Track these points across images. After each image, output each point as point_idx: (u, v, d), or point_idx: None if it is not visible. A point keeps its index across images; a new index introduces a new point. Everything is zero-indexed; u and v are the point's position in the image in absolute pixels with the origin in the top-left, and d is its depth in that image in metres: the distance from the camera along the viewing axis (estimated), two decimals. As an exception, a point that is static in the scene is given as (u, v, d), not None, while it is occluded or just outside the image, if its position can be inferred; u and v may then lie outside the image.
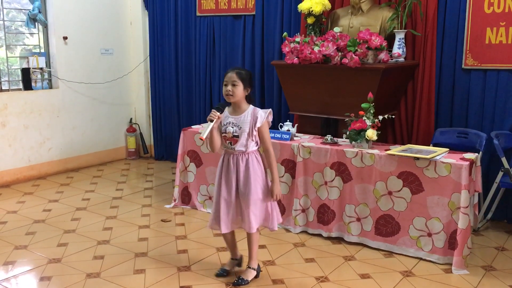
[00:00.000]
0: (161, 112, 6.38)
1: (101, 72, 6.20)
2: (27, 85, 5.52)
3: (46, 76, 5.72)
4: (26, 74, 5.51)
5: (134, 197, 5.00)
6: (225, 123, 3.04)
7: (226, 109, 3.08)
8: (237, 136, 3.00)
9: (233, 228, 3.15)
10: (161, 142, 6.47)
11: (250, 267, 3.18)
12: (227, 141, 3.05)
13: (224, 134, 3.05)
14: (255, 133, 3.00)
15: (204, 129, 2.91)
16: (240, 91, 2.97)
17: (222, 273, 3.24)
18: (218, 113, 2.94)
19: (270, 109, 3.07)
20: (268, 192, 3.07)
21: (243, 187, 3.02)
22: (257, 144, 3.07)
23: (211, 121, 2.92)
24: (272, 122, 5.15)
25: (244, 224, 3.08)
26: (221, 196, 3.09)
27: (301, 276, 3.31)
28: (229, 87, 2.96)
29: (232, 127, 3.01)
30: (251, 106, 3.05)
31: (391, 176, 3.58)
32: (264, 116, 3.01)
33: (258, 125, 2.98)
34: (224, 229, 3.09)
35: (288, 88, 4.50)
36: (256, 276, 3.20)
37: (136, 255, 3.63)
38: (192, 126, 4.77)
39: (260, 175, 3.05)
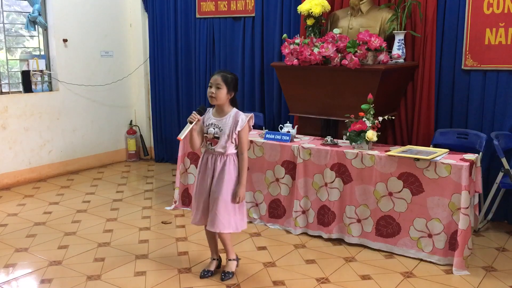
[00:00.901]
0: (161, 114, 6.38)
1: (101, 74, 6.20)
2: (27, 87, 5.53)
3: (46, 78, 5.72)
4: (26, 76, 5.51)
5: (134, 199, 5.00)
6: (207, 124, 3.13)
7: (211, 110, 3.18)
8: (218, 138, 3.09)
9: (200, 223, 3.23)
10: (161, 144, 6.48)
11: (230, 259, 3.28)
12: (208, 142, 3.14)
13: (205, 135, 3.14)
14: (235, 136, 3.08)
15: (183, 130, 3.01)
16: (223, 94, 3.05)
17: (206, 274, 3.29)
18: (198, 116, 3.03)
19: (252, 114, 3.15)
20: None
21: (215, 187, 3.10)
22: (237, 147, 3.14)
23: (191, 122, 3.01)
24: (272, 123, 5.19)
25: (209, 223, 3.14)
26: (196, 192, 3.20)
27: (302, 277, 3.31)
28: (213, 89, 3.05)
29: (214, 129, 3.10)
30: (234, 109, 3.13)
31: (391, 177, 3.58)
32: (245, 120, 3.08)
33: (238, 128, 3.07)
34: (192, 221, 3.24)
35: (288, 89, 4.51)
36: (237, 265, 3.31)
37: (137, 257, 3.63)
38: (192, 128, 4.76)
39: (234, 179, 3.12)
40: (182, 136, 3.00)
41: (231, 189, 3.11)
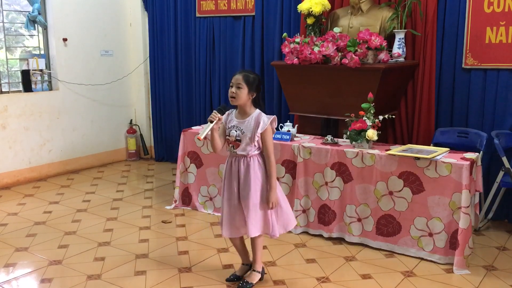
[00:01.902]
0: (161, 113, 6.38)
1: (101, 73, 6.20)
2: (27, 87, 5.52)
3: (46, 78, 5.72)
4: (26, 76, 5.51)
5: (134, 198, 5.00)
6: (229, 126, 3.02)
7: (234, 112, 3.06)
8: (240, 140, 2.97)
9: (238, 234, 3.09)
10: (161, 143, 6.47)
11: (254, 270, 3.16)
12: (230, 145, 3.03)
13: (227, 137, 3.03)
14: (257, 138, 2.94)
15: (203, 129, 2.90)
16: (244, 94, 2.91)
17: (233, 279, 3.21)
18: (219, 115, 2.91)
19: (275, 116, 3.00)
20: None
21: (243, 191, 2.98)
22: (260, 149, 3.01)
23: (211, 122, 2.90)
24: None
25: (244, 229, 3.04)
26: (224, 200, 3.07)
27: (302, 276, 3.31)
28: (234, 89, 2.92)
29: (236, 131, 2.98)
30: (257, 111, 2.98)
31: (391, 176, 3.58)
32: (266, 122, 2.93)
33: (259, 131, 2.92)
34: (226, 234, 3.07)
35: (288, 88, 4.50)
36: (261, 279, 3.19)
37: (137, 256, 3.62)
38: (192, 127, 4.76)
39: (261, 179, 2.99)
40: (202, 135, 2.86)
41: (260, 190, 2.97)
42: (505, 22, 4.04)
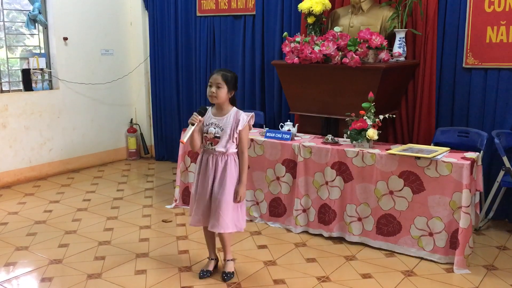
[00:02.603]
0: (161, 112, 6.38)
1: (102, 72, 6.20)
2: (28, 86, 5.52)
3: (46, 77, 5.72)
4: (26, 75, 5.51)
5: (135, 197, 5.00)
6: (207, 124, 3.10)
7: (210, 109, 3.15)
8: (219, 137, 3.06)
9: (200, 224, 3.21)
10: (162, 142, 6.47)
11: (228, 260, 3.27)
12: (208, 142, 3.10)
13: (205, 134, 3.11)
14: (236, 135, 3.06)
15: (186, 132, 2.99)
16: (224, 93, 3.03)
17: (206, 274, 3.27)
18: (200, 117, 3.01)
19: (253, 113, 3.14)
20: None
21: (218, 187, 3.08)
22: (237, 147, 3.12)
23: (193, 124, 2.98)
24: (272, 122, 5.18)
25: (211, 224, 3.11)
26: (196, 193, 3.16)
27: (303, 276, 3.31)
28: (213, 89, 3.03)
29: (214, 128, 3.07)
30: (234, 108, 3.12)
31: (392, 176, 3.58)
32: (246, 119, 3.07)
33: (239, 127, 3.04)
34: (192, 223, 3.21)
35: (289, 88, 4.50)
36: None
37: (137, 255, 3.62)
38: (192, 127, 4.76)
39: (236, 178, 3.10)
40: (185, 139, 2.97)
41: (234, 189, 3.09)
42: (506, 21, 4.04)
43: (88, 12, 5.98)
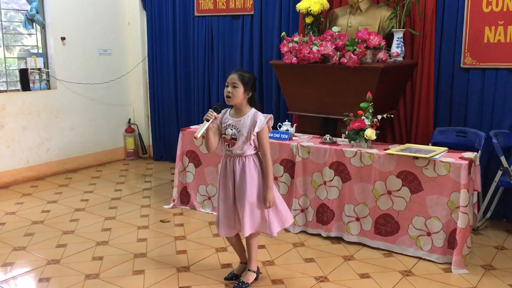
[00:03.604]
0: (159, 113, 6.37)
1: (100, 72, 6.19)
2: (25, 85, 5.51)
3: (44, 76, 5.71)
4: (24, 74, 5.49)
5: (133, 197, 4.99)
6: (225, 125, 3.01)
7: (229, 111, 3.05)
8: (235, 139, 2.96)
9: (233, 234, 3.10)
10: (160, 142, 6.47)
11: (249, 270, 3.16)
12: (225, 143, 3.02)
13: (223, 136, 3.02)
14: (253, 137, 2.95)
15: (199, 128, 2.89)
16: (240, 93, 2.91)
17: (231, 277, 3.22)
18: (215, 113, 2.91)
19: (271, 115, 3.00)
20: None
21: (239, 190, 2.98)
22: (256, 149, 3.02)
23: (207, 120, 2.89)
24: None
25: (239, 229, 3.04)
26: (220, 200, 3.07)
27: (301, 276, 3.30)
28: (229, 88, 2.92)
29: (231, 130, 2.97)
30: (253, 110, 2.99)
31: (390, 176, 3.58)
32: (263, 121, 2.93)
33: (256, 129, 2.92)
34: (222, 233, 3.08)
35: (287, 88, 4.50)
36: (256, 279, 3.19)
37: (135, 255, 3.62)
38: (190, 126, 4.76)
39: (257, 179, 2.98)
40: (198, 134, 2.85)
41: (256, 190, 2.97)
42: (504, 21, 4.05)
43: (86, 11, 5.97)
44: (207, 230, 4.08)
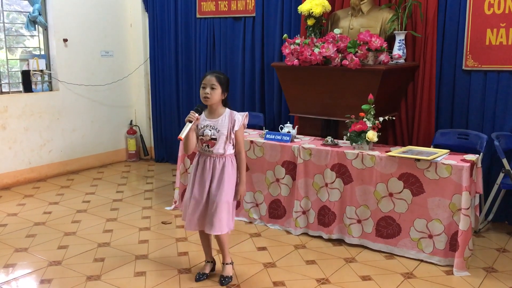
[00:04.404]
0: (161, 114, 6.38)
1: (101, 74, 6.20)
2: (27, 87, 5.52)
3: (46, 78, 5.72)
4: (26, 76, 5.51)
5: (134, 199, 4.99)
6: (202, 126, 3.09)
7: (203, 112, 3.12)
8: (215, 139, 3.05)
9: (197, 228, 3.17)
10: (162, 144, 6.47)
11: (227, 263, 3.25)
12: (204, 144, 3.09)
13: (201, 137, 3.09)
14: (233, 136, 3.07)
15: (183, 129, 2.96)
16: (217, 94, 3.02)
17: (202, 277, 3.26)
18: (197, 115, 2.99)
19: (247, 113, 3.15)
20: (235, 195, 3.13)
21: (215, 189, 3.06)
22: (234, 147, 3.13)
23: (190, 122, 2.97)
24: (272, 123, 5.18)
25: (208, 226, 3.09)
26: (192, 197, 3.13)
27: (302, 278, 3.30)
28: (207, 90, 3.01)
29: (210, 130, 3.06)
30: (228, 110, 3.11)
31: (391, 178, 3.58)
32: (241, 119, 3.08)
33: (236, 128, 3.05)
34: (187, 227, 3.16)
35: (288, 89, 4.50)
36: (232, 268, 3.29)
37: (137, 257, 3.62)
38: (192, 128, 4.76)
39: (233, 179, 3.11)
40: (182, 135, 2.94)
41: (232, 190, 3.09)
42: (506, 24, 4.04)
43: (88, 13, 5.98)
44: (209, 232, 4.08)
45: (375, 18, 4.36)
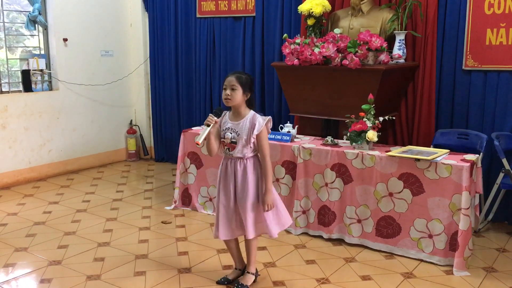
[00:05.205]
0: (161, 114, 6.38)
1: (101, 73, 6.20)
2: (27, 87, 5.52)
3: (46, 78, 5.72)
4: (26, 76, 5.51)
5: (134, 199, 4.99)
6: (224, 128, 3.00)
7: (227, 114, 3.05)
8: (235, 143, 2.96)
9: (234, 236, 3.10)
10: (161, 143, 6.47)
11: (248, 272, 3.16)
12: (225, 147, 3.01)
13: (222, 140, 3.02)
14: (253, 140, 2.94)
15: (201, 134, 2.88)
16: (239, 96, 2.91)
17: (223, 282, 3.20)
18: (215, 118, 2.91)
19: (270, 117, 2.99)
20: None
21: (241, 192, 2.97)
22: (256, 151, 3.01)
23: (208, 125, 2.89)
24: (272, 123, 5.15)
25: (242, 231, 3.04)
26: (220, 202, 3.06)
27: (302, 278, 3.30)
28: (228, 91, 2.91)
29: (231, 133, 2.96)
30: (251, 112, 2.98)
31: (391, 178, 3.58)
32: (262, 123, 2.92)
33: (255, 132, 2.91)
34: (222, 236, 3.06)
35: (289, 89, 4.50)
36: (254, 281, 3.18)
37: (137, 257, 3.62)
38: (192, 128, 4.76)
39: (258, 181, 2.99)
40: (200, 139, 2.84)
41: (257, 191, 2.98)
42: (506, 23, 4.04)
43: (88, 13, 5.98)
44: (209, 232, 4.08)
45: (375, 18, 4.36)
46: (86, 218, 4.41)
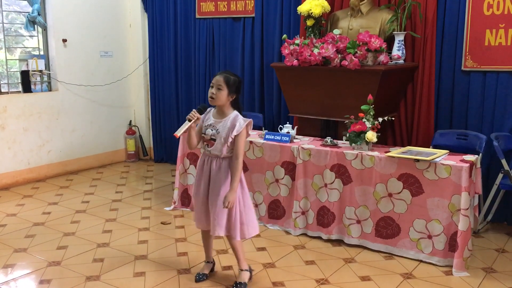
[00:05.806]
0: (160, 114, 6.38)
1: (101, 74, 6.20)
2: (27, 87, 5.52)
3: (45, 78, 5.71)
4: (25, 76, 5.50)
5: (133, 199, 4.99)
6: (206, 125, 3.07)
7: (212, 111, 3.11)
8: (214, 140, 3.01)
9: (204, 228, 3.16)
10: (161, 144, 6.47)
11: (242, 270, 3.17)
12: (205, 143, 3.07)
13: (203, 135, 3.08)
14: (231, 140, 2.97)
15: (181, 127, 2.96)
16: (223, 96, 2.96)
17: (201, 278, 3.25)
18: (198, 114, 2.98)
19: (251, 119, 3.02)
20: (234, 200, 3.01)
21: (212, 191, 3.04)
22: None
23: (189, 120, 2.97)
24: (272, 124, 5.17)
25: (210, 226, 3.08)
26: (195, 194, 3.14)
27: (301, 278, 3.30)
28: (213, 90, 2.98)
29: (212, 130, 3.03)
30: (235, 112, 3.02)
31: (391, 178, 3.58)
32: (242, 124, 2.96)
33: (234, 133, 2.95)
34: (197, 225, 3.17)
35: (288, 90, 4.50)
36: (250, 277, 3.20)
37: (136, 257, 3.62)
38: (191, 129, 4.76)
39: (229, 184, 3.03)
40: (179, 133, 2.93)
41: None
42: (505, 24, 4.05)
43: (87, 14, 5.98)
44: (208, 232, 4.08)
45: (374, 18, 4.36)
46: (85, 219, 4.41)
